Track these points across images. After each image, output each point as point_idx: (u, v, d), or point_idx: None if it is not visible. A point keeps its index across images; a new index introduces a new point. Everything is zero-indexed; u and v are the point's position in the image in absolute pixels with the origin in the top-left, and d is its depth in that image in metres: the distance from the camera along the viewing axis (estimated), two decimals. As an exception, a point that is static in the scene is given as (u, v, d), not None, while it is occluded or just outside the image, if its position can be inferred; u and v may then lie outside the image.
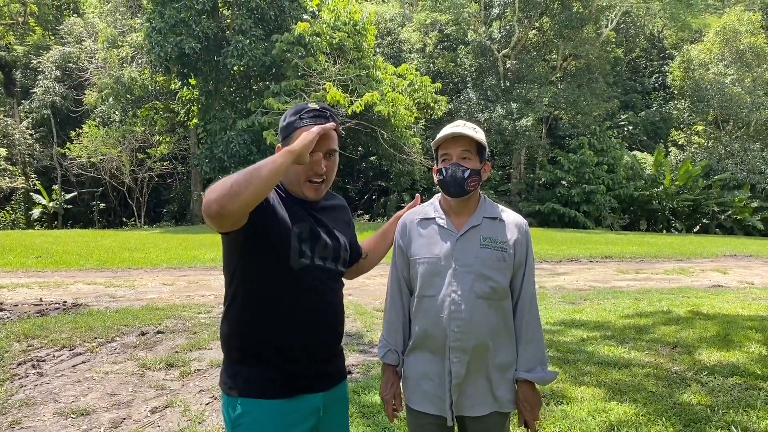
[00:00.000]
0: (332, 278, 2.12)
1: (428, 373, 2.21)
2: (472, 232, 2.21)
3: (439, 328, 2.15)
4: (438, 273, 2.18)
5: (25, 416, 4.20)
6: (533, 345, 2.23)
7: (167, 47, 21.45)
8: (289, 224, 1.94)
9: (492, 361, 2.18)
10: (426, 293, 2.20)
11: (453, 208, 2.26)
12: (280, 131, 2.08)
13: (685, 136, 34.92)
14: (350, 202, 34.21)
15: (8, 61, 29.93)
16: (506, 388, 2.21)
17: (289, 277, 1.96)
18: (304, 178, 2.00)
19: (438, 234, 2.23)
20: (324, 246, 2.05)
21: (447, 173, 2.18)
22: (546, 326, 7.14)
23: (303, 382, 1.99)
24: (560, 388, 4.75)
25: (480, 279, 2.14)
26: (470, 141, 2.18)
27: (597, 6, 30.96)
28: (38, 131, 28.90)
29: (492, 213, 2.26)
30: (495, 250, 2.18)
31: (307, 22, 22.18)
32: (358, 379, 5.09)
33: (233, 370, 1.99)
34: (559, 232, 24.71)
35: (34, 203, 28.22)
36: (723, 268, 13.48)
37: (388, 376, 2.32)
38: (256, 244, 1.90)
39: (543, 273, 12.32)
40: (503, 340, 2.20)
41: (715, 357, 5.63)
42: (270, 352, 1.95)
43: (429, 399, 2.20)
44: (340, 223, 2.21)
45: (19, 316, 7.34)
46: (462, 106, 31.45)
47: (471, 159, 2.19)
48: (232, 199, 1.67)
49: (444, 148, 2.22)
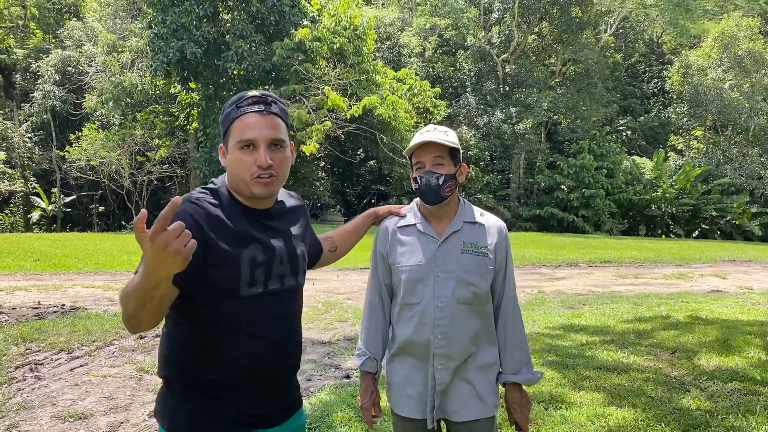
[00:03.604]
0: (291, 297, 1.89)
1: (412, 379, 2.21)
2: (453, 237, 2.21)
3: (422, 335, 2.16)
4: (420, 280, 2.17)
5: (22, 420, 4.19)
6: (518, 347, 2.25)
7: (169, 52, 21.49)
8: (238, 253, 1.70)
9: (474, 364, 2.19)
10: (409, 301, 2.20)
11: (432, 214, 2.25)
12: (221, 126, 1.82)
13: (684, 141, 34.96)
14: (349, 205, 34.22)
15: (8, 64, 29.90)
16: (489, 390, 2.22)
17: (240, 308, 1.72)
18: (249, 176, 1.72)
19: (419, 241, 2.22)
20: (280, 262, 1.82)
21: (422, 182, 2.17)
22: (545, 331, 7.14)
23: (255, 418, 1.78)
24: (559, 392, 4.74)
25: (461, 285, 2.15)
26: (442, 146, 2.16)
27: (596, 11, 31.05)
28: (38, 134, 28.85)
29: (471, 217, 2.26)
30: (476, 256, 2.18)
31: (307, 27, 22.22)
32: (357, 383, 5.07)
33: (174, 403, 1.75)
34: (558, 236, 24.71)
35: (33, 206, 28.18)
36: (722, 273, 13.48)
37: (367, 384, 2.30)
38: (200, 282, 1.66)
39: (542, 277, 12.32)
40: (484, 343, 2.22)
41: (714, 362, 5.63)
42: (219, 387, 1.73)
43: (413, 404, 2.21)
44: (297, 228, 1.98)
45: (17, 319, 7.32)
46: (461, 111, 31.50)
47: (444, 164, 2.17)
48: (138, 327, 1.52)
49: (417, 156, 2.20)
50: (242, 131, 1.72)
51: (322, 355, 6.05)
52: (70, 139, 26.96)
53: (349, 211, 33.71)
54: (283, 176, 1.79)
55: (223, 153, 1.82)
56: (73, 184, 28.52)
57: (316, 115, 21.61)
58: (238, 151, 1.73)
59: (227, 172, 1.81)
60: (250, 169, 1.71)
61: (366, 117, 23.82)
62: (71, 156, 25.79)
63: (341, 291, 10.02)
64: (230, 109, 1.76)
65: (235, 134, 1.73)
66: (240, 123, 1.73)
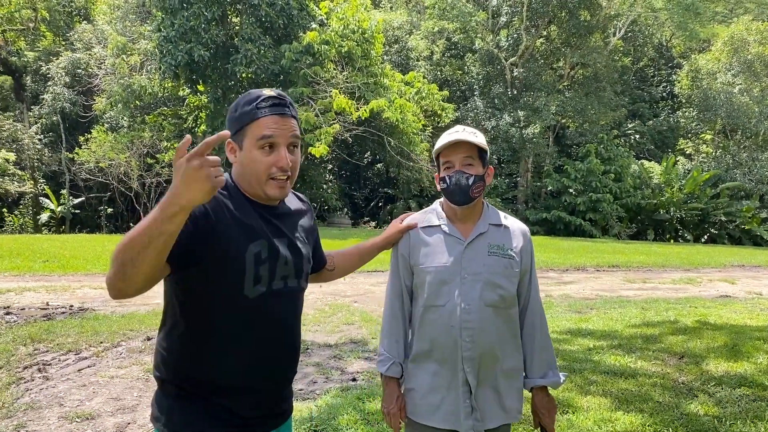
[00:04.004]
0: (293, 299, 1.88)
1: (436, 386, 2.15)
2: (480, 239, 2.17)
3: (449, 338, 2.11)
4: (446, 282, 2.13)
5: (30, 420, 4.21)
6: (545, 351, 2.24)
7: (177, 54, 21.59)
8: (245, 245, 1.68)
9: (500, 369, 2.15)
10: (434, 303, 2.15)
11: (458, 216, 2.22)
12: (231, 123, 1.78)
13: (693, 146, 34.79)
14: (356, 208, 34.23)
15: (18, 66, 30.12)
16: (514, 397, 2.19)
17: (242, 308, 1.71)
18: (265, 176, 1.73)
19: (444, 242, 2.19)
20: (285, 262, 1.80)
21: (451, 181, 2.14)
22: (552, 335, 7.08)
23: (250, 422, 1.77)
24: (566, 397, 4.73)
25: (489, 287, 2.11)
26: (472, 147, 2.13)
27: (605, 15, 30.96)
28: (47, 136, 29.03)
29: (496, 220, 2.23)
30: (503, 258, 2.15)
31: (315, 30, 22.27)
32: (363, 386, 5.07)
33: (168, 404, 1.74)
34: (565, 240, 24.64)
35: (42, 207, 28.32)
36: (731, 279, 13.40)
37: (392, 388, 2.24)
38: (202, 277, 1.65)
39: (549, 281, 12.28)
40: (510, 347, 2.18)
41: (722, 367, 5.59)
42: (215, 389, 1.72)
43: (438, 413, 2.14)
44: (302, 230, 1.96)
45: (25, 319, 7.37)
46: (469, 114, 31.48)
47: (474, 165, 2.15)
48: (127, 284, 1.41)
49: (445, 156, 2.17)
50: (263, 131, 1.72)
51: (327, 358, 6.05)
52: (79, 141, 27.12)
53: (356, 213, 33.72)
54: (295, 176, 1.82)
55: (232, 149, 1.79)
56: (82, 185, 28.66)
57: (324, 117, 21.65)
58: (256, 150, 1.73)
59: (237, 169, 1.80)
60: (268, 169, 1.72)
61: (374, 120, 23.84)
62: (80, 158, 25.93)
63: (348, 294, 10.03)
64: (248, 108, 1.74)
65: (254, 133, 1.73)
66: (261, 123, 1.73)
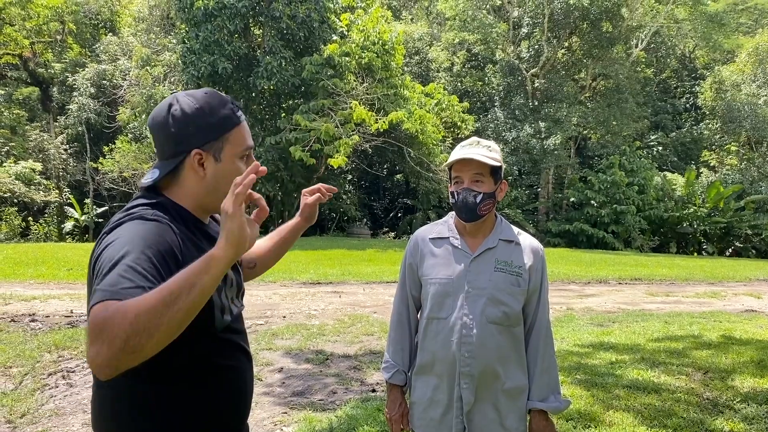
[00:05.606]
0: (242, 323, 1.68)
1: (435, 400, 2.17)
2: (487, 254, 2.15)
3: (448, 352, 2.11)
4: (449, 294, 2.13)
5: (54, 426, 4.26)
6: (547, 374, 2.18)
7: (200, 66, 21.90)
8: None
9: (501, 387, 2.13)
10: (436, 315, 2.15)
11: (467, 230, 2.20)
12: (203, 130, 1.48)
13: (717, 158, 34.35)
14: (376, 219, 34.25)
15: (45, 77, 30.78)
16: (515, 417, 2.16)
17: (211, 344, 1.51)
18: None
19: (452, 254, 2.18)
20: (231, 284, 1.57)
21: (458, 198, 2.11)
22: (574, 348, 7.04)
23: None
24: (588, 411, 4.67)
25: (492, 303, 2.09)
26: (482, 164, 2.08)
27: (627, 26, 30.77)
28: (72, 146, 29.57)
29: (508, 236, 2.20)
30: (509, 275, 2.12)
31: (336, 42, 22.43)
32: (383, 397, 5.06)
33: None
34: (587, 252, 24.40)
35: (67, 216, 28.78)
36: (756, 293, 13.15)
37: (395, 395, 2.28)
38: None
39: (571, 294, 12.17)
40: (513, 366, 2.15)
41: (748, 383, 5.48)
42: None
43: (435, 427, 2.16)
44: None
45: (50, 327, 7.47)
46: (489, 125, 31.41)
47: (484, 182, 2.11)
48: (131, 358, 1.18)
49: (456, 171, 2.14)
50: (247, 139, 1.55)
51: (347, 369, 6.04)
52: (103, 151, 27.58)
53: (375, 224, 33.73)
54: None
55: (200, 162, 1.50)
56: (105, 195, 29.09)
57: (344, 129, 21.77)
58: (238, 161, 1.52)
59: (201, 186, 1.52)
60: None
61: (393, 131, 23.89)
62: (104, 167, 26.35)
63: (367, 304, 10.02)
64: (226, 111, 1.51)
65: (238, 142, 1.52)
66: (242, 130, 1.53)
